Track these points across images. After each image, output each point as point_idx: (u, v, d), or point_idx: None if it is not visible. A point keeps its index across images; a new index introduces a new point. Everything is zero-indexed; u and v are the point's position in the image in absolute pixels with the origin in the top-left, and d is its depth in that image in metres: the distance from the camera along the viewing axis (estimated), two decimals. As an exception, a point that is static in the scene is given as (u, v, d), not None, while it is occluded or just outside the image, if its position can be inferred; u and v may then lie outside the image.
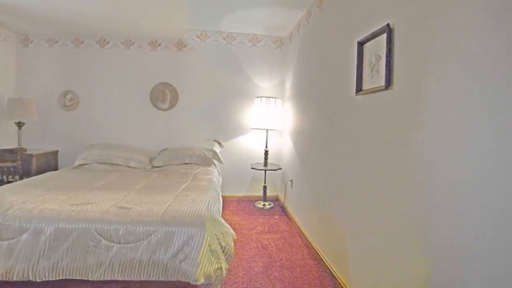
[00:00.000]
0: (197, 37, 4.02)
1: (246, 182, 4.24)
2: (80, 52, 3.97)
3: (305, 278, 2.15)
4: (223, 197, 3.24)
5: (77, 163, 3.50)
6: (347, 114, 2.05)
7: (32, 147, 3.87)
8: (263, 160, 3.94)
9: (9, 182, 3.07)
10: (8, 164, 3.21)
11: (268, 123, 3.75)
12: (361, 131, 1.83)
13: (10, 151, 3.31)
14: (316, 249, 2.51)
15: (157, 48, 4.04)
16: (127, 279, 1.76)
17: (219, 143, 4.07)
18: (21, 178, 3.26)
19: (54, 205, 1.99)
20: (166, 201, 2.17)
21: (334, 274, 2.11)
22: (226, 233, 1.99)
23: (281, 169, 3.94)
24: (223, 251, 1.92)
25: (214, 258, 1.83)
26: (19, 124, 3.67)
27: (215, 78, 4.09)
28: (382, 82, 1.56)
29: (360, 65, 1.84)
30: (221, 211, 2.49)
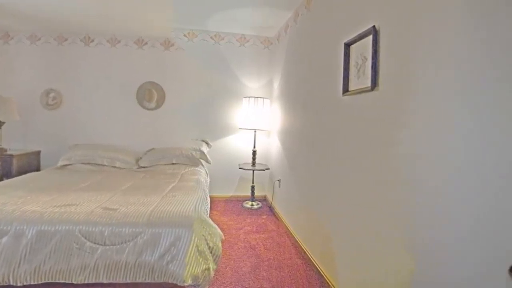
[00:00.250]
0: (184, 36, 3.98)
1: (234, 182, 4.23)
2: (63, 49, 3.87)
3: (293, 277, 2.16)
4: (211, 198, 3.22)
5: (60, 163, 3.41)
6: (334, 115, 2.08)
7: (13, 147, 3.74)
8: (251, 160, 3.94)
9: (-12, 184, 2.97)
10: (-13, 164, 3.11)
11: (256, 123, 3.75)
12: (348, 132, 1.86)
13: (-11, 152, 3.20)
14: (303, 248, 2.53)
15: (143, 47, 3.98)
16: (112, 281, 1.73)
17: (207, 143, 4.04)
18: (1, 180, 3.16)
19: (36, 206, 1.94)
20: (152, 202, 2.15)
21: (322, 272, 2.13)
22: (214, 233, 1.99)
23: (269, 169, 3.95)
24: (211, 252, 1.91)
25: (201, 259, 1.82)
26: (-1, 124, 3.56)
27: (203, 77, 4.06)
28: (368, 83, 1.59)
29: (347, 66, 1.86)
30: (208, 212, 2.48)
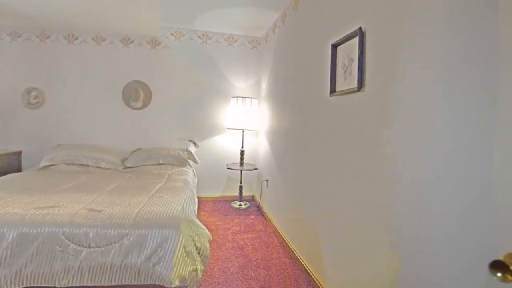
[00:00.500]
0: (171, 35, 3.94)
1: (222, 182, 4.21)
2: (46, 47, 3.76)
3: (281, 277, 2.17)
4: (198, 198, 3.20)
5: (42, 164, 3.31)
6: (321, 115, 2.10)
7: (-8, 147, 3.63)
8: (239, 160, 3.94)
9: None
10: (-35, 165, 2.99)
11: (244, 123, 3.75)
12: (335, 132, 1.88)
13: (-33, 152, 3.09)
14: (291, 248, 2.54)
15: (129, 45, 3.91)
16: (97, 284, 1.70)
17: (195, 143, 4.01)
18: (-21, 181, 3.04)
19: (17, 208, 1.88)
20: (139, 202, 2.11)
21: (309, 272, 2.15)
22: (201, 234, 1.97)
23: (257, 169, 3.96)
24: (198, 253, 1.90)
25: (189, 260, 1.81)
26: (-22, 123, 3.44)
27: (191, 77, 4.03)
28: (355, 84, 1.61)
29: (334, 67, 1.88)
30: (196, 212, 2.46)
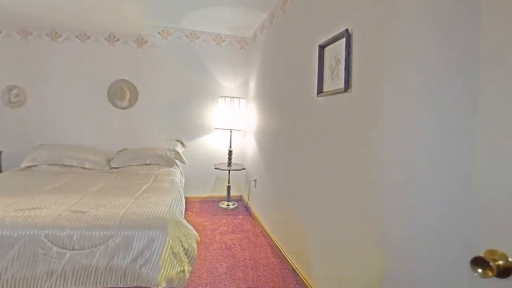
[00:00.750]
0: (158, 33, 3.89)
1: (210, 183, 4.19)
2: (27, 44, 3.65)
3: (269, 276, 2.18)
4: (186, 198, 3.17)
5: (24, 164, 3.21)
6: (309, 115, 2.11)
7: (-30, 148, 3.50)
8: (227, 160, 3.92)
9: None
10: None
11: (232, 123, 3.74)
12: (323, 132, 1.90)
13: None
14: (279, 247, 2.55)
15: (115, 44, 3.84)
16: (81, 287, 1.66)
17: (182, 143, 3.98)
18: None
19: (-3, 211, 1.82)
20: (125, 203, 2.08)
21: (297, 271, 2.16)
22: (189, 235, 1.96)
23: (245, 169, 3.95)
24: (186, 254, 1.88)
25: (176, 261, 1.79)
26: (-46, 122, 3.30)
27: (178, 76, 3.99)
28: (342, 85, 1.63)
29: (321, 67, 1.90)
30: (183, 213, 2.44)
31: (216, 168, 3.80)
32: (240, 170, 3.87)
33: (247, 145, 4.12)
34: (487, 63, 0.67)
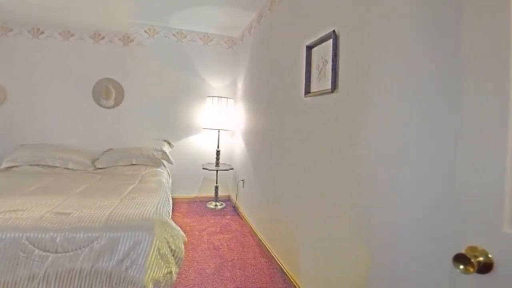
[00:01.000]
0: (145, 32, 3.84)
1: (198, 183, 4.16)
2: (7, 41, 3.53)
3: (257, 276, 2.18)
4: (173, 199, 3.13)
5: (4, 165, 3.11)
6: (296, 115, 2.12)
7: None
8: (215, 160, 3.90)
9: None
10: None
11: (220, 123, 3.72)
12: (310, 132, 1.91)
13: None
14: (267, 247, 2.56)
15: (100, 42, 3.76)
16: (65, 291, 1.62)
17: (169, 143, 3.93)
18: None
19: (-25, 213, 1.75)
20: (110, 204, 2.04)
21: (284, 270, 2.17)
22: (176, 235, 1.94)
23: (233, 169, 3.94)
24: (173, 255, 1.86)
25: (163, 263, 1.77)
26: None
27: (165, 75, 3.94)
28: (329, 85, 1.65)
29: (309, 68, 1.92)
30: (171, 213, 2.41)
31: (204, 168, 3.78)
32: (228, 170, 3.86)
33: (235, 145, 4.11)
34: (468, 65, 0.69)
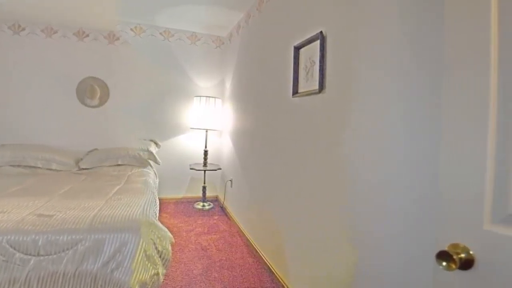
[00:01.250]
0: (131, 30, 3.77)
1: (185, 183, 4.12)
2: (-13, 37, 3.42)
3: (245, 276, 2.18)
4: (160, 199, 3.09)
5: (-17, 166, 3.01)
6: (284, 115, 2.13)
7: None
8: (203, 160, 3.88)
9: None
10: None
11: (208, 123, 3.70)
12: (298, 132, 1.93)
13: None
14: (255, 247, 2.56)
15: (84, 39, 3.68)
16: (48, 295, 1.58)
17: (156, 143, 3.88)
18: None
19: (-48, 216, 1.69)
20: (95, 206, 2.00)
21: (272, 270, 2.18)
22: (163, 237, 1.91)
23: (220, 169, 3.93)
24: (160, 256, 1.84)
25: (150, 264, 1.74)
26: None
27: (151, 74, 3.89)
28: (316, 86, 1.66)
29: (297, 68, 1.93)
30: (158, 214, 2.38)
31: (191, 169, 3.75)
32: (215, 170, 3.84)
33: (223, 145, 4.10)
34: (450, 66, 0.70)
